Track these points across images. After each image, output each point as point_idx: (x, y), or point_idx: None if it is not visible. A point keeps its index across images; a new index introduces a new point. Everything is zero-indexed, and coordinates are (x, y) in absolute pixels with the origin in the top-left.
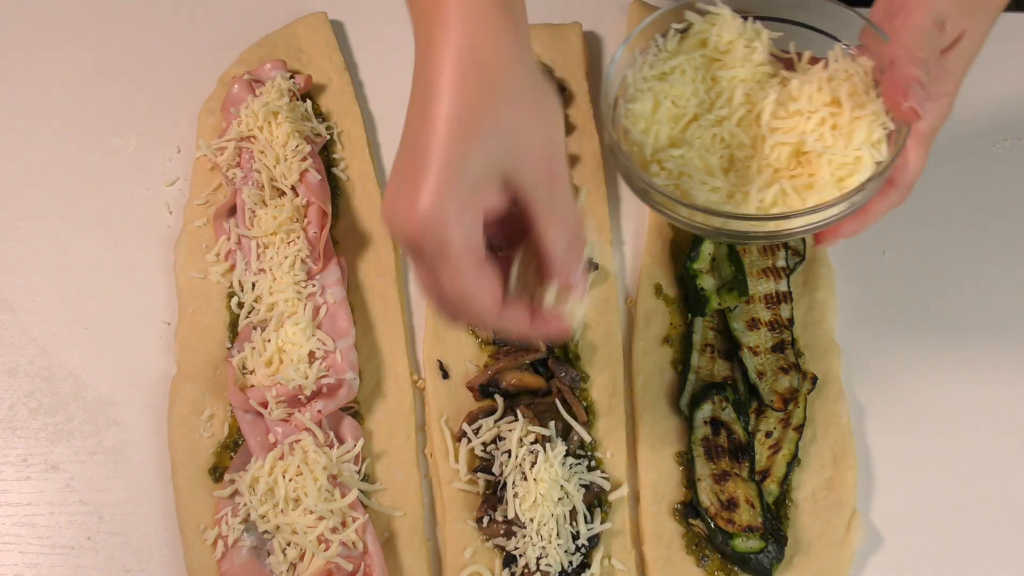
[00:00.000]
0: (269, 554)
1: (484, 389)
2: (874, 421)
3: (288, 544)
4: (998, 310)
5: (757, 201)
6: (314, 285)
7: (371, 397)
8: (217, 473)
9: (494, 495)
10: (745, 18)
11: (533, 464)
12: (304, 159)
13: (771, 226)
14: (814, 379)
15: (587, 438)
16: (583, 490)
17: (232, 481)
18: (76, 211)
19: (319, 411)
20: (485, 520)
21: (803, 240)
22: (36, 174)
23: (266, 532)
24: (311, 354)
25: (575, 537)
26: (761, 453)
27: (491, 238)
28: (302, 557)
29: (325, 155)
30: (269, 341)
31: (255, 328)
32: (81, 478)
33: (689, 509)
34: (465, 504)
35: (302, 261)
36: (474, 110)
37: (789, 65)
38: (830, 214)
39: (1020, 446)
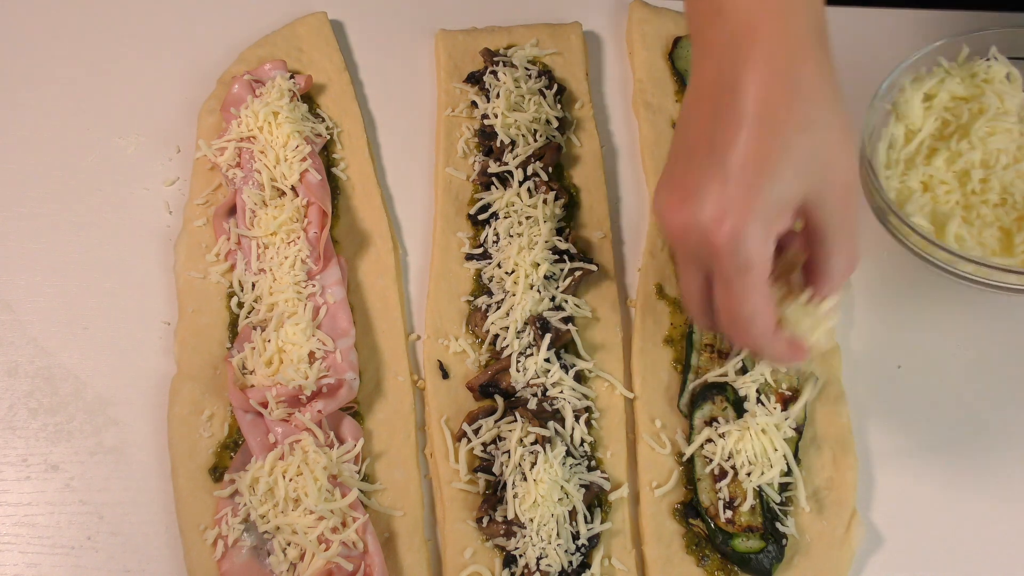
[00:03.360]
0: (269, 554)
1: (484, 389)
2: (874, 421)
3: (288, 544)
4: (998, 309)
5: None
6: (314, 285)
7: (371, 397)
8: (217, 473)
9: (494, 495)
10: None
11: (533, 464)
12: (304, 159)
13: None
14: (814, 379)
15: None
16: (583, 490)
17: (232, 481)
18: (76, 211)
19: (319, 411)
20: (485, 520)
21: None
22: (36, 174)
23: (266, 532)
24: (311, 354)
25: (575, 537)
26: None
27: None
28: (302, 557)
29: (325, 155)
30: (269, 341)
31: (255, 328)
32: (81, 478)
33: (689, 509)
34: (465, 504)
35: (302, 261)
36: (789, 131)
37: None
38: None
39: (1020, 446)
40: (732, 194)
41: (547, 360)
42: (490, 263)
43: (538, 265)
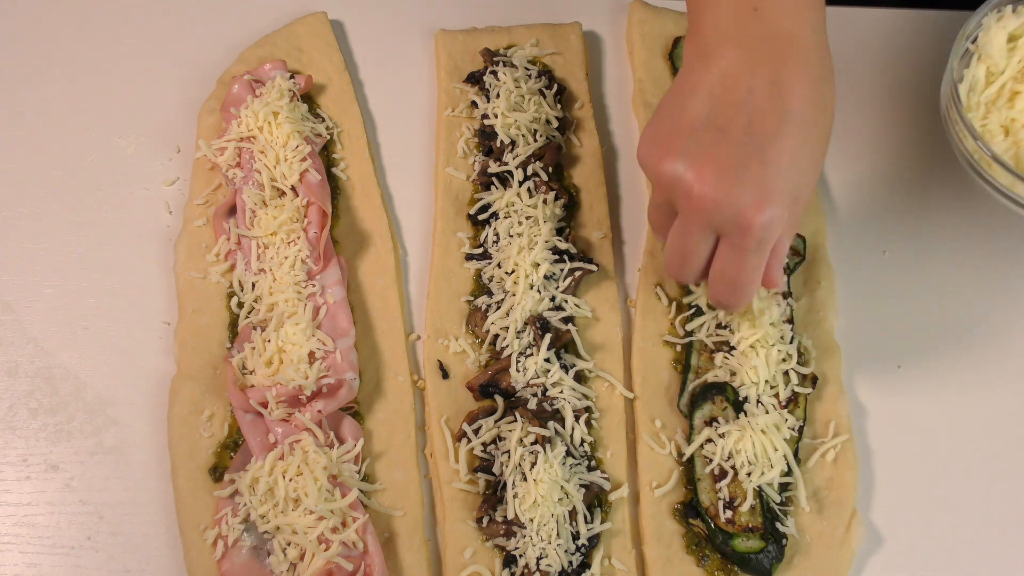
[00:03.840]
0: (269, 554)
1: (484, 389)
2: (874, 421)
3: (288, 544)
4: (998, 310)
5: None
6: (314, 285)
7: (371, 397)
8: (217, 473)
9: (494, 495)
10: None
11: (533, 464)
12: (304, 159)
13: None
14: (814, 379)
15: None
16: (583, 490)
17: (232, 481)
18: (76, 211)
19: (319, 411)
20: (485, 520)
21: (803, 240)
22: (36, 174)
23: (266, 532)
24: (311, 354)
25: (575, 537)
26: None
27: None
28: (302, 557)
29: (325, 155)
30: (269, 341)
31: (255, 328)
32: (81, 478)
33: (689, 509)
34: (465, 504)
35: (302, 261)
36: (816, 136)
37: None
38: None
39: (1019, 445)
40: (770, 182)
41: (547, 360)
42: (490, 263)
43: (538, 265)
